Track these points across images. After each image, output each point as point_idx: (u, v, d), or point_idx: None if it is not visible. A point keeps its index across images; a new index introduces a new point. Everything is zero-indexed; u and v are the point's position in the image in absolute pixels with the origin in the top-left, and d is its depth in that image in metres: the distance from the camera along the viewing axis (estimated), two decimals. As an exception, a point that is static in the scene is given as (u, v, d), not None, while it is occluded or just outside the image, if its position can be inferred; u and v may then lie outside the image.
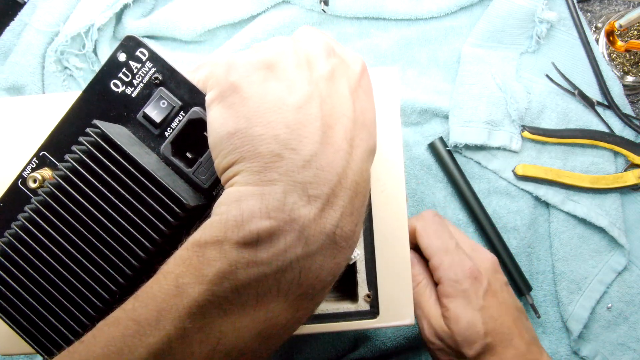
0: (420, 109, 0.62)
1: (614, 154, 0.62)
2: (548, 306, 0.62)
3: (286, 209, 0.27)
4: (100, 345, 0.27)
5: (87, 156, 0.33)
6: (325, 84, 0.30)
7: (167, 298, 0.27)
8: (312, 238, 0.28)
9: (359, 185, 0.29)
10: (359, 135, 0.30)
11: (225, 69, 0.31)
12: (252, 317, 0.28)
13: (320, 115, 0.29)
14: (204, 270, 0.27)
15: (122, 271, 0.33)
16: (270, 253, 0.27)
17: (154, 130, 0.36)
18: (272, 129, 0.28)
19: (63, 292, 0.33)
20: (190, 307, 0.26)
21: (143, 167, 0.33)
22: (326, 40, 0.32)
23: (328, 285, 0.30)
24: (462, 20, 0.64)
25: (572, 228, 0.62)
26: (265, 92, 0.29)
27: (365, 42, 0.63)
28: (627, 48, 0.61)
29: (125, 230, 0.33)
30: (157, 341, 0.26)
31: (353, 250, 0.31)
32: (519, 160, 0.62)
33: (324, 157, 0.28)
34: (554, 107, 0.62)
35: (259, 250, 0.27)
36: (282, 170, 0.28)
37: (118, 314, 0.28)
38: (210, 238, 0.27)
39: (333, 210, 0.28)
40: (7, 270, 0.33)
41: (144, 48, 0.35)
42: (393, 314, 0.42)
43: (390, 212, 0.43)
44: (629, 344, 0.62)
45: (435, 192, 0.63)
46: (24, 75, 0.59)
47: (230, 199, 0.28)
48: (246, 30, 0.62)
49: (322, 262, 0.28)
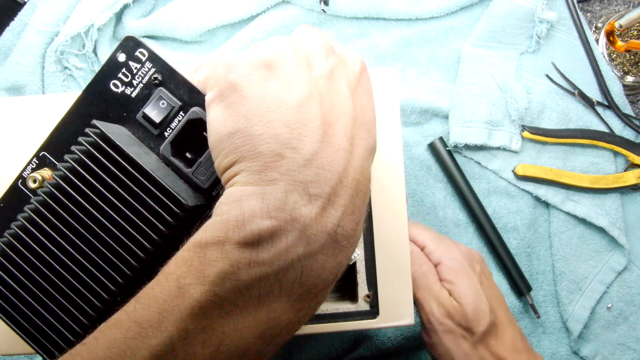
0: (420, 109, 0.62)
1: (614, 154, 0.62)
2: (548, 306, 0.62)
3: (287, 209, 0.27)
4: (102, 348, 0.27)
5: (86, 156, 0.33)
6: (324, 83, 0.30)
7: (168, 299, 0.27)
8: (314, 237, 0.27)
9: (360, 183, 0.29)
10: (359, 133, 0.30)
11: (224, 68, 0.31)
12: (254, 317, 0.28)
13: (320, 113, 0.29)
14: (205, 270, 0.27)
15: (121, 271, 0.33)
16: (272, 253, 0.27)
17: (154, 131, 0.36)
18: (272, 128, 0.28)
19: (62, 293, 0.33)
20: (192, 308, 0.26)
21: (142, 168, 0.33)
22: (325, 39, 0.32)
23: (330, 285, 0.30)
24: (462, 20, 0.63)
25: (572, 228, 0.62)
26: (265, 92, 0.29)
27: (365, 42, 0.63)
28: (627, 48, 0.61)
29: (125, 230, 0.33)
30: (159, 343, 0.26)
31: (354, 249, 0.30)
32: (519, 160, 0.62)
33: (325, 156, 0.28)
34: (554, 107, 0.62)
35: (261, 250, 0.27)
36: (283, 169, 0.28)
37: (120, 315, 0.28)
38: (211, 238, 0.27)
39: (334, 209, 0.28)
40: (7, 270, 0.33)
41: (144, 48, 0.35)
42: (393, 314, 0.42)
43: (390, 212, 0.43)
44: (629, 344, 0.62)
45: (435, 192, 0.63)
46: (24, 75, 0.59)
47: (230, 199, 0.28)
48: (246, 30, 0.62)
49: (323, 262, 0.28)
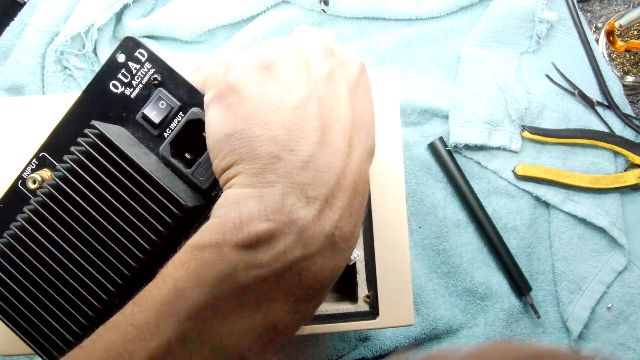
0: (420, 109, 0.62)
1: (614, 154, 0.62)
2: (548, 306, 0.62)
3: (285, 211, 0.27)
4: (100, 350, 0.27)
5: (85, 157, 0.33)
6: (323, 85, 0.30)
7: (166, 302, 0.27)
8: (312, 239, 0.27)
9: (358, 185, 0.29)
10: (358, 135, 0.30)
11: (224, 69, 0.31)
12: (252, 319, 0.27)
13: (319, 115, 0.29)
14: (203, 273, 0.27)
15: (120, 272, 0.33)
16: (270, 255, 0.27)
17: (153, 131, 0.35)
18: (270, 130, 0.28)
19: (62, 293, 0.33)
20: (190, 311, 0.26)
21: (141, 168, 0.33)
22: (325, 40, 0.32)
23: (328, 286, 0.30)
24: (462, 20, 0.63)
25: (572, 228, 0.62)
26: (264, 93, 0.29)
27: (365, 42, 0.63)
28: (627, 48, 0.61)
29: (124, 231, 0.33)
30: (157, 346, 0.26)
31: (352, 251, 0.30)
32: (519, 160, 0.62)
33: (323, 158, 0.28)
34: (554, 107, 0.62)
35: (259, 252, 0.27)
36: (281, 171, 0.28)
37: (117, 318, 0.28)
38: (209, 241, 0.27)
39: (332, 212, 0.28)
40: (6, 271, 0.33)
41: (143, 49, 0.35)
42: (393, 315, 0.42)
43: (390, 212, 0.42)
44: (629, 344, 0.61)
45: (435, 192, 0.63)
46: (24, 75, 0.59)
47: (228, 201, 0.28)
48: (246, 30, 0.62)
49: (321, 264, 0.28)
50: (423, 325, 0.60)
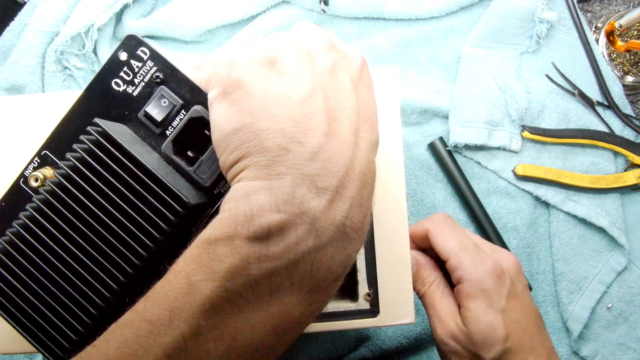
0: (420, 109, 0.62)
1: (614, 154, 0.62)
2: (548, 306, 0.62)
3: (296, 202, 0.27)
4: (114, 348, 0.27)
5: (89, 154, 0.33)
6: (327, 78, 0.30)
7: (179, 297, 0.27)
8: (323, 230, 0.27)
9: (367, 176, 0.29)
10: (363, 127, 0.30)
11: (227, 66, 0.31)
12: (266, 312, 0.27)
13: (325, 107, 0.29)
14: (215, 267, 0.27)
15: (123, 269, 0.33)
16: (282, 246, 0.27)
17: (155, 129, 0.36)
18: (277, 122, 0.28)
19: (65, 291, 0.33)
20: (204, 305, 0.26)
21: (144, 166, 0.33)
22: (326, 35, 0.32)
23: (340, 277, 0.30)
24: (462, 20, 0.64)
25: (572, 228, 0.62)
26: (269, 87, 0.29)
27: (365, 42, 0.63)
28: (627, 48, 0.61)
29: (127, 228, 0.33)
30: (171, 340, 0.26)
31: (363, 242, 0.30)
32: (519, 160, 0.62)
33: (331, 149, 0.28)
34: (554, 107, 0.62)
35: (270, 244, 0.27)
36: (290, 163, 0.28)
37: (130, 315, 0.28)
38: (220, 234, 0.27)
39: (342, 202, 0.28)
40: (9, 268, 0.33)
41: (145, 47, 0.35)
42: (393, 313, 0.42)
43: (390, 211, 0.43)
44: (629, 344, 0.62)
45: (435, 192, 0.63)
46: (24, 75, 0.59)
47: (238, 194, 0.28)
48: (246, 30, 0.62)
49: (333, 254, 0.28)
50: (424, 325, 0.60)
